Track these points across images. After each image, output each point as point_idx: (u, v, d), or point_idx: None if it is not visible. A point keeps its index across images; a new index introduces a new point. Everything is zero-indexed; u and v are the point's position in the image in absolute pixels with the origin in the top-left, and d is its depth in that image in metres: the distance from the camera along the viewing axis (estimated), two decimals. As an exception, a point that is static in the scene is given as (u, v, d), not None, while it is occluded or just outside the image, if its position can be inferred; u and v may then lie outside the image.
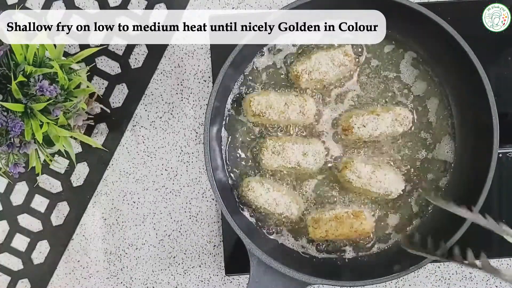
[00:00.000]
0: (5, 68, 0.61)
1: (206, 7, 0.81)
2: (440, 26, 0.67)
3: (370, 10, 0.71)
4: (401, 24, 0.72)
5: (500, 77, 0.78)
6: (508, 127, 0.71)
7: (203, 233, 0.81)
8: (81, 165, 0.81)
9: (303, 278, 0.67)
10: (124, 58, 0.80)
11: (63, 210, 0.81)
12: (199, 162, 0.80)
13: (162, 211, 0.81)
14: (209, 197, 0.80)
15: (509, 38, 0.79)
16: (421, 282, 0.80)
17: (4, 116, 0.60)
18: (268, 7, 0.81)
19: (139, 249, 0.81)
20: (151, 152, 0.80)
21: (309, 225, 0.74)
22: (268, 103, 0.71)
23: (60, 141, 0.66)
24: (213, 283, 0.81)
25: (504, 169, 0.78)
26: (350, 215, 0.72)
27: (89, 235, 0.81)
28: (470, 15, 0.78)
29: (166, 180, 0.80)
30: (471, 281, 0.80)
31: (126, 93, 0.81)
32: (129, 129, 0.81)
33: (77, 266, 0.81)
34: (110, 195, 0.81)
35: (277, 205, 0.72)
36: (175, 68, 0.81)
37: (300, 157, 0.72)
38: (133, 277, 0.81)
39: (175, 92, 0.81)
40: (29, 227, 0.81)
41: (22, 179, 0.81)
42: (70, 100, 0.66)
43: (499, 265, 0.80)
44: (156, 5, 0.80)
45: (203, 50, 0.80)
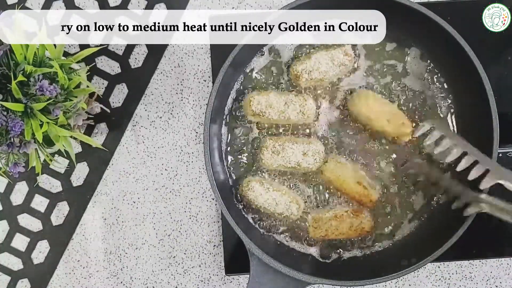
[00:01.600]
0: (5, 68, 0.61)
1: (206, 7, 0.81)
2: (440, 26, 0.67)
3: (370, 10, 0.71)
4: (401, 24, 0.72)
5: (500, 77, 0.78)
6: (508, 127, 0.71)
7: (203, 233, 0.81)
8: (81, 165, 0.81)
9: (303, 278, 0.67)
10: (124, 58, 0.81)
11: (63, 210, 0.81)
12: (199, 162, 0.80)
13: (162, 211, 0.81)
14: (209, 197, 0.80)
15: (509, 38, 0.79)
16: (421, 282, 0.80)
17: (4, 115, 0.60)
18: (268, 7, 0.81)
19: (139, 249, 0.81)
20: (151, 152, 0.80)
21: (309, 225, 0.74)
22: (268, 102, 0.72)
23: (60, 141, 0.66)
24: (213, 283, 0.81)
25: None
26: (350, 215, 0.72)
27: (89, 235, 0.81)
28: (470, 15, 0.78)
29: (166, 180, 0.80)
30: (471, 281, 0.80)
31: (126, 93, 0.81)
32: (129, 129, 0.81)
33: (77, 266, 0.81)
34: (110, 195, 0.81)
35: (277, 205, 0.72)
36: (175, 68, 0.81)
37: (300, 157, 0.72)
38: (133, 277, 0.81)
39: (175, 92, 0.81)
40: (29, 227, 0.81)
41: (22, 179, 0.81)
42: (70, 100, 0.66)
43: (499, 265, 0.80)
44: (156, 5, 0.80)
45: (203, 50, 0.80)
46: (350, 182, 0.71)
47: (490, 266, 0.80)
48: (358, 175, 0.72)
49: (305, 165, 0.72)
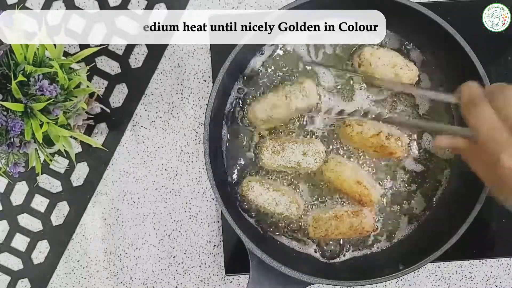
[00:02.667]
0: (5, 68, 0.61)
1: (206, 7, 0.81)
2: (440, 26, 0.67)
3: (370, 10, 0.71)
4: (401, 24, 0.73)
5: (500, 77, 0.78)
6: (508, 127, 0.71)
7: (203, 233, 0.81)
8: (81, 165, 0.81)
9: (303, 278, 0.67)
10: (124, 58, 0.80)
11: (63, 210, 0.81)
12: (199, 162, 0.80)
13: (162, 211, 0.81)
14: (209, 197, 0.80)
15: (509, 38, 0.79)
16: (421, 282, 0.80)
17: (4, 115, 0.60)
18: (268, 7, 0.81)
19: (139, 249, 0.81)
20: (151, 152, 0.80)
21: (309, 225, 0.74)
22: (271, 104, 0.71)
23: (60, 141, 0.66)
24: (213, 283, 0.81)
25: (504, 169, 0.78)
26: (350, 214, 0.72)
27: (89, 235, 0.81)
28: (470, 15, 0.78)
29: (166, 180, 0.80)
30: (471, 281, 0.80)
31: (126, 93, 0.81)
32: (129, 129, 0.81)
33: (77, 266, 0.81)
34: (110, 195, 0.81)
35: (277, 205, 0.72)
36: (175, 68, 0.81)
37: (300, 157, 0.72)
38: (133, 277, 0.81)
39: (175, 92, 0.81)
40: (29, 227, 0.81)
41: (22, 179, 0.81)
42: (70, 100, 0.66)
43: (499, 265, 0.80)
44: (156, 5, 0.80)
45: (203, 50, 0.80)
46: (350, 181, 0.71)
47: (490, 266, 0.80)
48: (358, 175, 0.72)
49: (305, 165, 0.72)
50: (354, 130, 0.71)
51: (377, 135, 0.71)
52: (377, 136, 0.71)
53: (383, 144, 0.70)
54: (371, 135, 0.71)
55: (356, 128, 0.71)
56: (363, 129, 0.71)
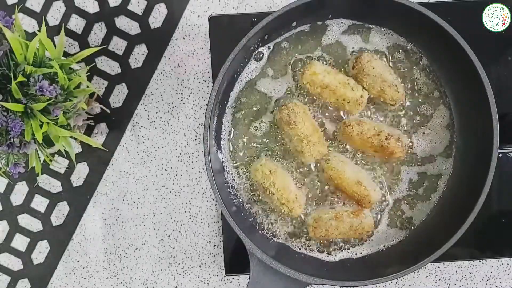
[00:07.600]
0: (5, 68, 0.61)
1: (206, 7, 0.81)
2: (440, 26, 0.67)
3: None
4: (401, 24, 0.73)
5: (500, 77, 0.78)
6: (508, 127, 0.71)
7: (203, 233, 0.81)
8: (81, 165, 0.81)
9: (303, 278, 0.67)
10: (124, 58, 0.81)
11: (63, 210, 0.81)
12: (199, 162, 0.80)
13: (162, 211, 0.81)
14: (209, 197, 0.80)
15: (509, 38, 0.79)
16: (421, 282, 0.80)
17: (4, 116, 0.60)
18: (268, 7, 0.81)
19: (139, 249, 0.81)
20: (151, 152, 0.80)
21: (309, 225, 0.74)
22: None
23: (60, 141, 0.66)
24: (213, 283, 0.81)
25: (504, 169, 0.78)
26: (350, 215, 0.72)
27: (89, 235, 0.81)
28: (470, 15, 0.78)
29: (166, 180, 0.80)
30: (471, 281, 0.80)
31: (126, 93, 0.81)
32: (129, 129, 0.81)
33: (77, 266, 0.81)
34: (110, 195, 0.81)
35: (284, 190, 0.71)
36: (175, 68, 0.81)
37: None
38: (133, 277, 0.81)
39: (175, 92, 0.81)
40: (29, 227, 0.81)
41: (22, 179, 0.81)
42: (70, 100, 0.66)
43: (499, 265, 0.80)
44: (156, 5, 0.80)
45: (203, 50, 0.80)
46: (350, 181, 0.71)
47: (490, 266, 0.80)
48: (359, 175, 0.72)
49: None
50: (354, 130, 0.71)
51: (377, 135, 0.71)
52: (377, 136, 0.71)
53: (383, 144, 0.70)
54: (371, 135, 0.71)
55: (356, 128, 0.71)
56: (363, 129, 0.71)
